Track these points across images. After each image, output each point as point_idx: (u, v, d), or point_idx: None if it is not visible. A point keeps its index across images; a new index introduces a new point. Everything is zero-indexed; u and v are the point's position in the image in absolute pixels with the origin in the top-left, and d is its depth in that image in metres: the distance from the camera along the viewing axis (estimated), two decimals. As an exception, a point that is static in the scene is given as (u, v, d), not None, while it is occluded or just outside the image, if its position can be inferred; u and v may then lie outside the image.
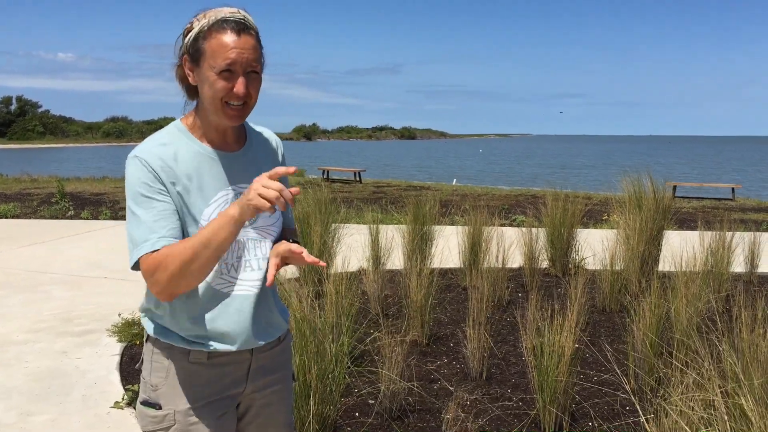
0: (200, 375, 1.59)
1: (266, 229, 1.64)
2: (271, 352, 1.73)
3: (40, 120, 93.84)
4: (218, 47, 1.44)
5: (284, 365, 1.78)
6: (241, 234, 1.56)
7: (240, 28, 1.45)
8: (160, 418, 1.58)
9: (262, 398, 1.72)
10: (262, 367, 1.70)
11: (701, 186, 17.22)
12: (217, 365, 1.61)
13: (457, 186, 18.87)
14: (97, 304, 5.50)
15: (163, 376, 1.59)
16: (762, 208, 13.07)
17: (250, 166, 1.63)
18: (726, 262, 5.61)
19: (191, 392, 1.58)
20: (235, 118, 1.50)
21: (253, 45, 1.47)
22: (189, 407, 1.57)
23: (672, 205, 6.19)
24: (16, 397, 3.63)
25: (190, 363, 1.58)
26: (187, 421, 1.57)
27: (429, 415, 3.39)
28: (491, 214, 8.43)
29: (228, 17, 1.46)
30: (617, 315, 5.18)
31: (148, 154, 1.50)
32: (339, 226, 6.38)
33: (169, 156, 1.51)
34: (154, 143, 1.53)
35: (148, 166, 1.48)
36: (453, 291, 5.91)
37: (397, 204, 12.61)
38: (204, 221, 1.52)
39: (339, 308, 3.46)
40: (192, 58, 1.49)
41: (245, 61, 1.45)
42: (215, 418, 1.60)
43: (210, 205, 1.53)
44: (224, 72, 1.44)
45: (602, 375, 3.95)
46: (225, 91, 1.46)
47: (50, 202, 12.33)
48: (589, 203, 12.87)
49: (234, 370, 1.64)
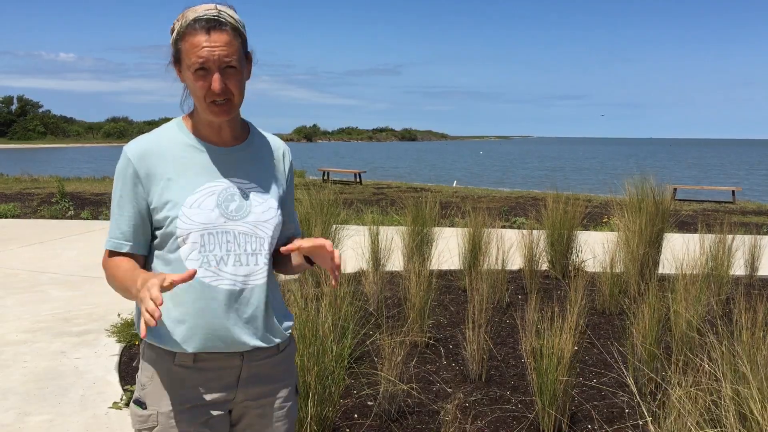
0: (185, 379, 1.57)
1: (259, 225, 1.60)
2: (269, 361, 1.66)
3: (41, 120, 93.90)
4: (190, 47, 1.47)
5: (284, 376, 1.71)
6: (229, 226, 1.56)
7: (210, 26, 1.46)
8: (145, 418, 1.57)
9: (257, 408, 1.66)
10: (257, 376, 1.64)
11: (701, 189, 17.22)
12: (203, 369, 1.57)
13: (458, 187, 18.88)
14: (96, 304, 5.49)
15: (150, 376, 1.59)
16: (762, 211, 13.06)
17: (245, 162, 1.63)
18: (726, 265, 5.61)
19: (175, 395, 1.56)
20: (221, 114, 1.52)
21: (226, 41, 1.47)
22: (171, 410, 1.55)
23: (672, 207, 6.19)
24: (14, 397, 3.62)
25: (175, 366, 1.56)
26: (168, 423, 1.55)
27: (428, 417, 3.38)
28: (491, 215, 8.44)
29: (200, 16, 1.47)
30: (617, 317, 5.17)
31: (134, 147, 1.57)
32: (339, 227, 6.38)
33: (155, 148, 1.56)
34: (146, 137, 1.60)
35: (130, 163, 1.55)
36: (453, 293, 5.90)
37: (397, 205, 12.61)
38: (187, 208, 1.53)
39: (338, 309, 3.45)
40: (175, 60, 1.54)
41: (217, 58, 1.46)
42: (199, 424, 1.57)
43: (195, 193, 1.55)
44: (199, 71, 1.47)
45: (602, 377, 3.94)
46: (204, 90, 1.48)
47: (50, 202, 12.33)
48: (589, 205, 12.87)
49: (222, 376, 1.59)
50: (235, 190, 1.58)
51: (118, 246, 1.56)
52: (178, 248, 1.54)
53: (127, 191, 1.55)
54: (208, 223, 1.53)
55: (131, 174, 1.54)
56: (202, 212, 1.53)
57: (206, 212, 1.54)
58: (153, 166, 1.54)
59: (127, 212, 1.55)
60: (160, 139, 1.58)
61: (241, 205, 1.58)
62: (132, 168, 1.54)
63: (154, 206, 1.54)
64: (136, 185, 1.54)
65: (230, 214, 1.56)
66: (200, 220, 1.53)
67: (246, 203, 1.59)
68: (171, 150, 1.56)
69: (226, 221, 1.55)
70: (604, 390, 3.76)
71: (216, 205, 1.55)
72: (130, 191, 1.55)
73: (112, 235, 1.57)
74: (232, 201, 1.57)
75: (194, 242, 1.53)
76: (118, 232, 1.56)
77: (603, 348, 4.46)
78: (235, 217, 1.57)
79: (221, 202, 1.56)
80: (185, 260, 1.53)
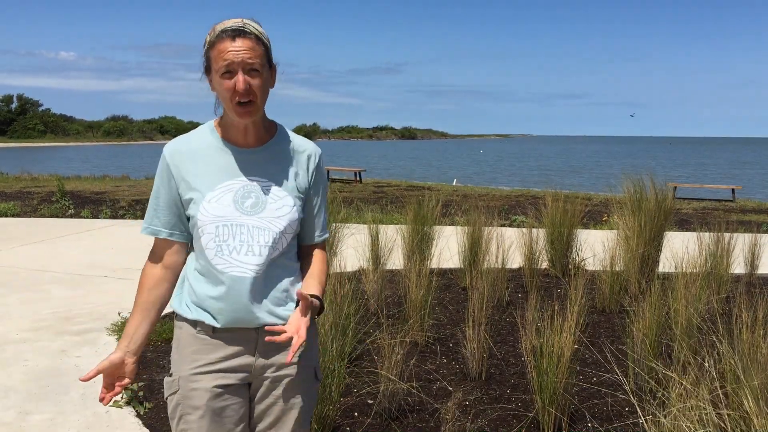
0: (205, 345, 1.72)
1: (272, 220, 1.73)
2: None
3: (40, 119, 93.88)
4: (218, 53, 1.64)
5: (304, 354, 1.80)
6: (243, 220, 1.71)
7: (236, 34, 1.63)
8: (170, 384, 1.76)
9: (275, 382, 1.75)
10: (274, 344, 1.74)
11: (701, 187, 17.22)
12: (221, 338, 1.72)
13: (458, 186, 18.88)
14: (97, 303, 5.50)
15: (176, 346, 1.78)
16: (762, 210, 13.07)
17: (266, 162, 1.77)
18: (726, 263, 5.61)
19: (195, 360, 1.72)
20: (245, 115, 1.67)
21: (250, 45, 1.64)
22: (190, 373, 1.72)
23: (672, 206, 6.19)
24: (15, 395, 3.62)
25: (196, 334, 1.73)
26: (187, 386, 1.72)
27: (428, 416, 3.39)
28: (491, 214, 8.45)
29: (227, 27, 1.64)
30: (617, 316, 5.18)
31: (170, 146, 1.77)
32: (339, 225, 6.38)
33: (186, 147, 1.76)
34: (180, 138, 1.80)
35: (165, 159, 1.76)
36: (453, 291, 5.91)
37: (397, 204, 12.61)
38: (206, 203, 1.71)
39: (339, 308, 3.46)
40: (206, 69, 1.71)
41: (241, 60, 1.62)
42: (214, 386, 1.70)
43: (215, 190, 1.71)
44: (225, 73, 1.63)
45: (602, 376, 3.95)
46: (230, 91, 1.64)
47: (50, 201, 12.33)
48: (589, 204, 12.87)
49: (240, 343, 1.73)
50: (252, 188, 1.74)
51: (156, 232, 1.77)
52: (200, 237, 1.71)
53: (164, 185, 1.75)
54: (224, 216, 1.70)
55: (166, 169, 1.75)
56: (220, 206, 1.70)
57: (223, 207, 1.70)
58: (183, 164, 1.73)
59: (163, 203, 1.76)
60: (192, 140, 1.77)
61: (256, 201, 1.73)
62: (166, 164, 1.75)
63: (184, 199, 1.74)
64: (170, 180, 1.74)
65: (245, 209, 1.72)
66: (217, 213, 1.70)
67: (262, 200, 1.73)
68: (199, 150, 1.75)
69: (241, 215, 1.71)
70: (604, 388, 3.77)
71: (233, 201, 1.71)
72: (166, 185, 1.75)
73: (151, 222, 1.77)
74: (249, 198, 1.73)
75: (210, 233, 1.70)
76: (156, 221, 1.76)
77: (603, 346, 4.46)
78: (250, 212, 1.72)
79: (238, 199, 1.72)
80: (205, 249, 1.71)
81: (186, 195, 1.73)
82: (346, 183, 18.41)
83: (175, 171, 1.74)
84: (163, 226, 1.76)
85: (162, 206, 1.76)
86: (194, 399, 1.70)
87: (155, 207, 1.77)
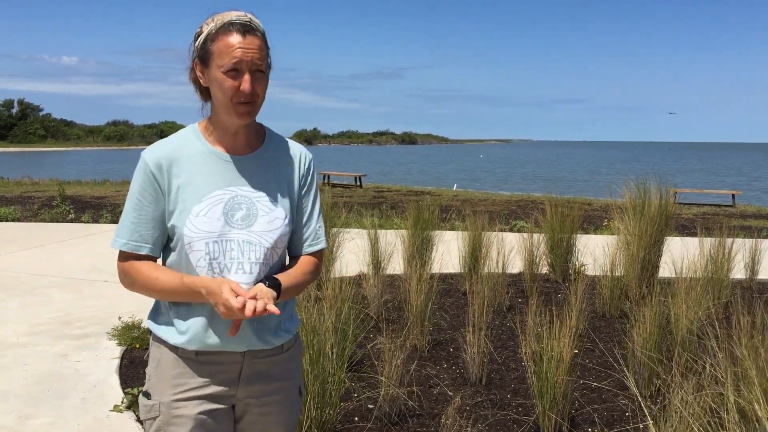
0: (187, 371, 1.62)
1: (262, 234, 1.61)
2: (273, 359, 1.69)
3: (41, 123, 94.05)
4: (225, 47, 1.51)
5: (288, 375, 1.74)
6: (233, 235, 1.59)
7: (245, 30, 1.52)
8: (149, 408, 1.63)
9: (260, 406, 1.69)
10: (259, 373, 1.67)
11: (701, 192, 17.21)
12: (204, 363, 1.62)
13: (458, 191, 18.88)
14: (97, 307, 5.49)
15: (154, 367, 1.66)
16: (762, 215, 13.06)
17: (257, 170, 1.66)
18: (726, 268, 5.61)
19: (177, 385, 1.61)
20: (245, 116, 1.56)
21: (259, 45, 1.53)
22: (173, 399, 1.61)
23: (674, 210, 6.19)
24: (15, 400, 3.62)
25: (178, 358, 1.62)
26: (170, 413, 1.61)
27: (428, 420, 3.39)
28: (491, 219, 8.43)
29: (234, 20, 1.53)
30: (617, 321, 5.17)
31: (151, 153, 1.61)
32: (339, 230, 6.38)
33: (170, 155, 1.60)
34: (162, 143, 1.64)
35: (147, 167, 1.59)
36: (453, 296, 5.90)
37: (397, 209, 12.61)
38: (194, 216, 1.57)
39: (338, 313, 3.45)
40: (201, 61, 1.57)
41: (250, 60, 1.52)
42: (199, 414, 1.61)
43: (202, 201, 1.58)
44: (231, 71, 1.51)
45: (602, 380, 3.94)
46: (233, 90, 1.52)
47: (51, 206, 12.33)
48: (589, 209, 12.87)
49: (223, 371, 1.63)
50: (242, 199, 1.61)
51: (137, 248, 1.59)
52: (187, 254, 1.58)
53: (145, 195, 1.59)
54: (213, 231, 1.57)
55: (148, 178, 1.59)
56: (209, 221, 1.57)
57: (212, 221, 1.57)
58: (167, 172, 1.59)
59: (145, 215, 1.59)
60: (176, 145, 1.62)
61: (247, 214, 1.61)
62: (149, 172, 1.58)
63: (168, 211, 1.60)
64: (153, 189, 1.59)
65: (235, 222, 1.59)
66: (206, 228, 1.57)
67: (253, 212, 1.61)
68: (184, 156, 1.61)
69: (231, 230, 1.59)
70: (604, 393, 3.76)
71: (222, 214, 1.59)
72: (148, 195, 1.59)
73: (130, 237, 1.59)
74: (239, 210, 1.60)
75: (199, 249, 1.57)
76: (136, 235, 1.59)
77: (603, 351, 4.46)
78: (240, 226, 1.60)
79: (227, 211, 1.59)
80: (195, 267, 1.58)
81: (169, 206, 1.59)
82: (347, 188, 18.42)
83: (158, 179, 1.58)
84: (144, 242, 1.59)
85: (146, 219, 1.59)
86: (177, 426, 1.60)
87: (136, 220, 1.59)
